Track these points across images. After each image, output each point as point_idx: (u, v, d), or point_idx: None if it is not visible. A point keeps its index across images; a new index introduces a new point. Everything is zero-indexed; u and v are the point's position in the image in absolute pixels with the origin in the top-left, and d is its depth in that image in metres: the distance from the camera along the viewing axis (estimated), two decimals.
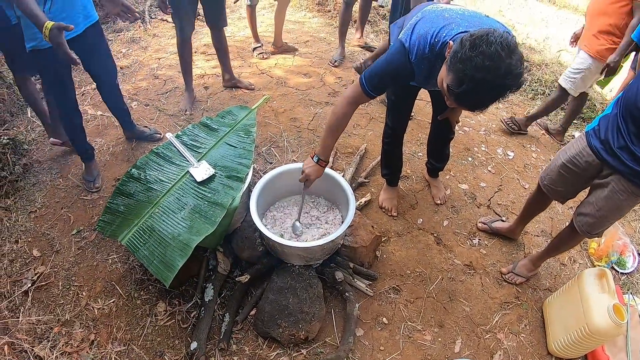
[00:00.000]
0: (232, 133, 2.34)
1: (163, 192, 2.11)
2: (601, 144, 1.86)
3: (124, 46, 4.02)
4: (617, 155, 1.79)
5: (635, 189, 1.81)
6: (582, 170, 1.99)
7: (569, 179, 2.07)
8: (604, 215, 1.96)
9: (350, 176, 2.77)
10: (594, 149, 1.89)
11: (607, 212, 1.95)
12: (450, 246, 2.60)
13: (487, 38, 1.31)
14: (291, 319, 2.02)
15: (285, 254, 2.11)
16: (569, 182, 2.09)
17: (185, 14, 2.91)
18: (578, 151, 1.98)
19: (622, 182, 1.83)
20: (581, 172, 2.01)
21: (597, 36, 2.96)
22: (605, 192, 1.90)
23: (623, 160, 1.77)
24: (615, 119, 1.79)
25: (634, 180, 1.78)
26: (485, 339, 2.22)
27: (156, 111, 3.27)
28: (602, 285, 2.10)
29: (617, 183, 1.84)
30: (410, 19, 1.83)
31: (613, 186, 1.86)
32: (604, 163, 1.87)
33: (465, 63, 1.32)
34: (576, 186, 2.12)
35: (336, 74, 3.89)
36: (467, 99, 1.41)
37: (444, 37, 1.60)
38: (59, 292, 2.22)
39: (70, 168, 2.84)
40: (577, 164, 2.00)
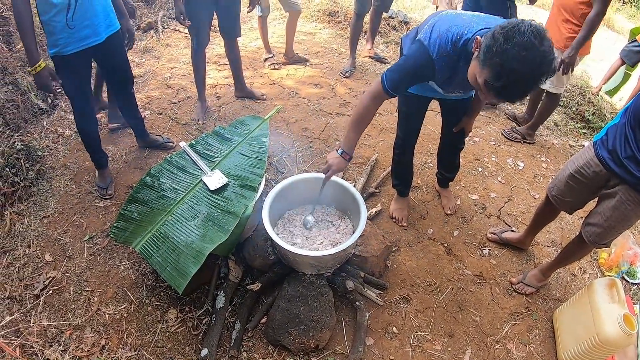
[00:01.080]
0: (244, 143, 2.38)
1: (176, 200, 2.14)
2: (609, 154, 1.86)
3: (137, 55, 4.09)
4: (624, 165, 1.79)
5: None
6: (590, 180, 1.99)
7: (576, 189, 2.08)
8: (611, 226, 1.96)
9: (362, 186, 2.79)
10: (602, 159, 1.89)
11: (614, 222, 1.94)
12: (460, 256, 2.60)
13: (518, 28, 1.33)
14: (302, 327, 2.03)
15: (297, 263, 2.12)
16: (577, 192, 2.09)
17: (201, 25, 2.96)
18: (586, 161, 1.99)
19: (629, 192, 1.83)
20: (589, 183, 2.01)
21: (559, 26, 2.93)
22: (612, 202, 1.90)
23: (630, 170, 1.77)
24: (624, 129, 1.79)
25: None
26: (495, 349, 2.21)
27: (169, 120, 3.32)
28: (612, 295, 2.09)
29: (625, 193, 1.84)
30: (424, 25, 1.85)
31: (620, 196, 1.86)
32: (611, 173, 1.87)
33: (501, 56, 1.34)
34: (584, 197, 2.12)
35: (347, 85, 3.92)
36: (507, 91, 1.43)
37: (466, 34, 1.62)
38: (70, 296, 2.25)
39: (84, 175, 2.88)
40: (584, 174, 2.00)
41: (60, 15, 2.07)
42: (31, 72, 2.11)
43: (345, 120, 3.49)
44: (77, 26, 2.14)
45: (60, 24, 2.09)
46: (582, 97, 4.10)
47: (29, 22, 2.00)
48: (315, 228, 2.32)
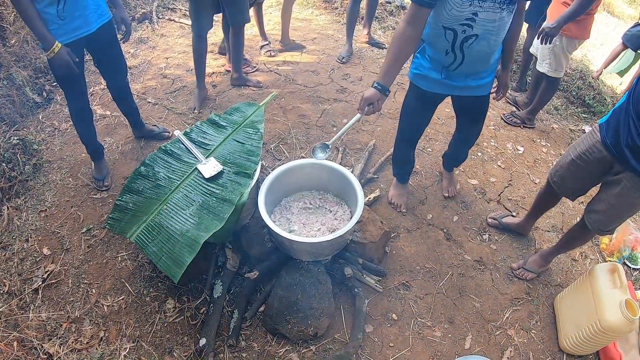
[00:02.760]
0: (240, 130, 2.34)
1: (171, 189, 2.11)
2: (614, 140, 1.81)
3: (132, 46, 4.04)
4: (630, 151, 1.75)
5: None
6: (593, 166, 1.95)
7: (579, 175, 2.03)
8: (616, 213, 1.93)
9: (359, 172, 2.76)
10: (606, 145, 1.85)
11: (619, 210, 1.91)
12: (460, 242, 2.57)
13: None
14: (300, 315, 2.01)
15: (294, 250, 2.10)
16: (580, 178, 2.05)
17: (204, 10, 2.90)
18: (589, 147, 1.94)
19: (635, 179, 1.79)
20: (592, 169, 1.97)
21: (559, 9, 2.84)
22: (617, 189, 1.86)
23: (637, 156, 1.73)
24: (628, 114, 1.74)
25: None
26: (496, 335, 2.20)
27: (165, 110, 3.29)
28: (613, 280, 2.06)
29: (630, 180, 1.80)
30: None
31: (625, 183, 1.82)
32: (616, 159, 1.83)
33: None
34: (587, 183, 2.08)
35: (344, 71, 3.88)
36: None
37: None
38: (68, 289, 2.24)
39: (80, 167, 2.86)
40: (587, 159, 1.95)
41: (51, 7, 2.04)
42: (49, 55, 2.06)
43: (342, 106, 3.45)
44: (68, 17, 2.11)
45: (52, 15, 2.06)
46: (582, 81, 4.05)
47: (32, 8, 1.97)
48: (313, 215, 2.29)
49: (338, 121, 3.29)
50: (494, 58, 2.01)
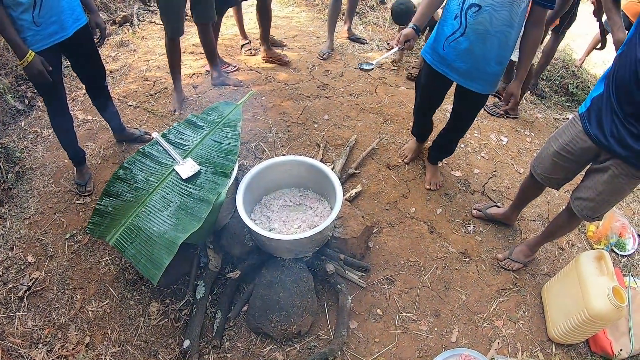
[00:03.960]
0: (217, 129, 2.32)
1: (149, 191, 2.09)
2: (598, 129, 1.79)
3: (113, 50, 4.01)
4: (615, 138, 1.73)
5: (637, 171, 1.76)
6: (578, 156, 1.94)
7: (564, 166, 2.02)
8: (604, 199, 1.91)
9: (340, 167, 2.74)
10: (591, 134, 1.82)
11: (607, 196, 1.90)
12: (444, 234, 2.56)
13: None
14: (282, 314, 2.00)
15: (274, 248, 2.09)
16: (564, 169, 2.04)
17: (174, 13, 2.88)
18: (572, 137, 1.92)
19: (622, 166, 1.77)
20: (576, 159, 1.95)
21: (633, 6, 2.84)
22: (605, 176, 1.85)
23: (623, 144, 1.71)
24: (609, 101, 1.72)
25: (635, 164, 1.73)
26: (483, 327, 2.19)
27: (146, 113, 3.26)
28: (600, 267, 2.06)
29: (617, 167, 1.79)
30: None
31: (613, 170, 1.81)
32: (601, 148, 1.81)
33: None
34: (571, 173, 2.07)
35: (325, 67, 3.86)
36: None
37: None
38: (54, 296, 2.23)
39: (63, 173, 2.84)
40: (571, 151, 1.94)
41: (27, 14, 2.02)
42: (22, 64, 2.05)
43: (323, 102, 3.43)
44: (44, 23, 2.10)
45: (27, 22, 2.04)
46: (565, 70, 4.04)
47: (4, 17, 1.96)
48: (293, 212, 2.28)
49: (319, 117, 3.27)
50: (496, 51, 2.03)
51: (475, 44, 2.02)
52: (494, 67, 2.10)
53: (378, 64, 2.24)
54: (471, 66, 2.11)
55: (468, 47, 2.04)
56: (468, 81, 2.18)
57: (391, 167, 2.92)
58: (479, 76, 2.14)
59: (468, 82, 2.18)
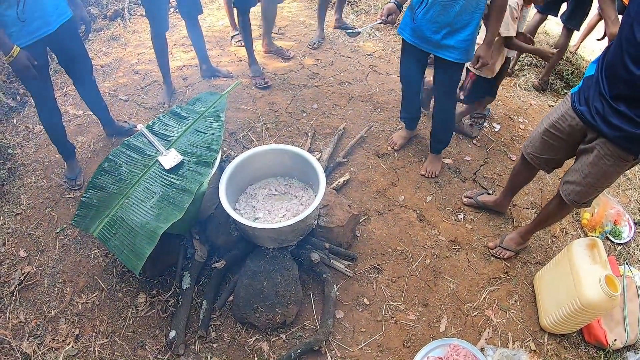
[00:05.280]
0: (201, 119, 2.30)
1: (133, 182, 2.08)
2: (585, 106, 1.76)
3: (105, 44, 4.00)
4: (601, 116, 1.70)
5: (622, 152, 1.72)
6: (566, 135, 1.90)
7: (553, 145, 1.99)
8: (591, 183, 1.87)
9: (328, 156, 2.72)
10: (578, 111, 1.80)
11: (593, 180, 1.85)
12: (433, 222, 2.53)
13: None
14: (267, 303, 1.98)
15: (257, 237, 2.07)
16: (554, 148, 2.00)
17: (158, 8, 2.86)
18: (561, 115, 1.90)
19: (607, 145, 1.73)
20: (565, 137, 1.92)
21: None
22: (590, 157, 1.81)
23: (608, 123, 1.67)
24: (598, 81, 1.70)
25: (619, 144, 1.69)
26: (473, 316, 2.16)
27: (136, 106, 3.26)
28: (593, 256, 2.01)
29: (603, 147, 1.75)
30: None
31: (598, 151, 1.77)
32: (588, 126, 1.78)
33: None
34: (561, 153, 2.02)
35: (315, 56, 3.82)
36: None
37: None
38: (44, 289, 2.24)
39: (53, 168, 2.85)
40: (560, 128, 1.91)
41: (10, 10, 2.01)
42: (7, 60, 2.05)
43: (313, 91, 3.41)
44: (29, 18, 2.09)
45: (11, 18, 2.03)
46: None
47: None
48: (278, 201, 2.26)
49: (308, 106, 3.24)
50: (458, 17, 2.11)
51: (439, 12, 2.12)
52: (461, 33, 2.17)
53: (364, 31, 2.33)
54: (440, 35, 2.19)
55: (433, 16, 2.15)
56: (442, 50, 2.24)
57: (380, 155, 2.88)
58: (449, 44, 2.20)
59: (441, 51, 2.25)
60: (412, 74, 2.58)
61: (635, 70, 1.52)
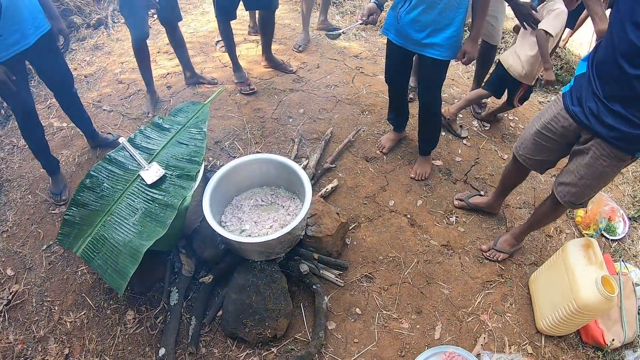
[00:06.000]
0: (183, 131, 2.25)
1: (115, 199, 2.04)
2: (579, 106, 1.72)
3: (88, 54, 3.94)
4: (595, 117, 1.65)
5: (619, 152, 1.67)
6: (559, 136, 1.86)
7: (545, 146, 1.94)
8: (587, 184, 1.83)
9: (315, 162, 2.67)
10: (571, 111, 1.75)
11: (590, 180, 1.81)
12: (425, 227, 2.49)
13: None
14: (256, 317, 1.95)
15: (244, 251, 2.02)
16: (546, 150, 1.96)
17: (137, 16, 2.81)
18: (553, 116, 1.85)
19: (603, 146, 1.69)
20: (558, 139, 1.87)
21: None
22: (586, 158, 1.76)
23: (603, 122, 1.62)
24: (590, 80, 1.65)
25: (616, 144, 1.64)
26: (468, 322, 2.12)
27: (120, 116, 3.20)
28: (588, 256, 1.98)
29: (598, 148, 1.70)
30: None
31: (594, 152, 1.72)
32: (582, 127, 1.73)
33: None
34: (554, 154, 1.98)
35: (301, 59, 3.76)
36: None
37: None
38: (33, 309, 2.19)
39: (39, 183, 2.79)
40: (553, 129, 1.86)
41: None
42: None
43: (299, 96, 3.35)
44: (5, 33, 2.04)
45: None
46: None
47: None
48: (265, 212, 2.22)
49: (294, 112, 3.19)
50: (442, 15, 2.09)
51: (420, 11, 2.11)
52: (446, 31, 2.15)
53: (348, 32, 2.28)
54: (425, 33, 2.17)
55: (416, 15, 2.13)
56: (427, 49, 2.22)
57: (369, 160, 2.84)
58: (434, 42, 2.18)
59: (427, 50, 2.22)
60: (399, 75, 2.54)
61: (630, 69, 1.47)
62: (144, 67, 3.06)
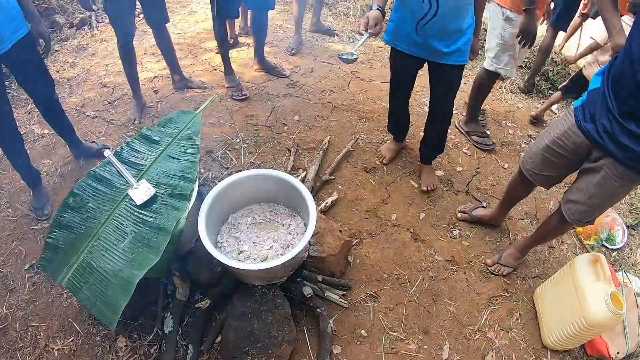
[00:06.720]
0: (174, 144, 2.10)
1: (102, 221, 1.89)
2: (592, 123, 1.64)
3: (71, 55, 3.74)
4: (609, 135, 1.57)
5: (632, 174, 1.60)
6: (570, 152, 1.78)
7: (554, 163, 1.87)
8: (596, 203, 1.77)
9: (314, 174, 2.55)
10: (583, 128, 1.67)
11: (599, 200, 1.75)
12: (429, 241, 2.41)
13: None
14: (259, 346, 1.84)
15: (243, 276, 1.91)
16: (555, 165, 1.88)
17: (123, 16, 2.66)
18: (564, 131, 1.77)
19: (616, 166, 1.62)
20: (568, 155, 1.80)
21: None
22: (597, 178, 1.70)
23: (617, 142, 1.55)
24: (605, 95, 1.58)
25: (630, 165, 1.57)
26: (475, 339, 2.06)
27: (104, 123, 3.03)
28: (596, 272, 1.94)
29: (611, 168, 1.64)
30: None
31: (606, 171, 1.66)
32: (595, 144, 1.66)
33: None
34: (563, 170, 1.91)
35: (294, 63, 3.63)
36: None
37: None
38: (17, 334, 2.05)
39: (20, 195, 2.63)
40: (563, 145, 1.79)
41: None
42: None
43: (293, 101, 3.22)
44: None
45: None
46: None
47: None
48: (263, 230, 2.10)
49: (289, 119, 3.06)
50: (465, 19, 2.02)
51: (449, 19, 2.02)
52: (466, 35, 2.11)
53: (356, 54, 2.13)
54: (447, 41, 2.10)
55: (442, 25, 2.04)
56: (448, 57, 2.14)
57: (369, 170, 2.74)
58: (456, 48, 2.11)
59: (449, 58, 2.15)
60: (407, 86, 2.45)
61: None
62: (129, 70, 2.90)
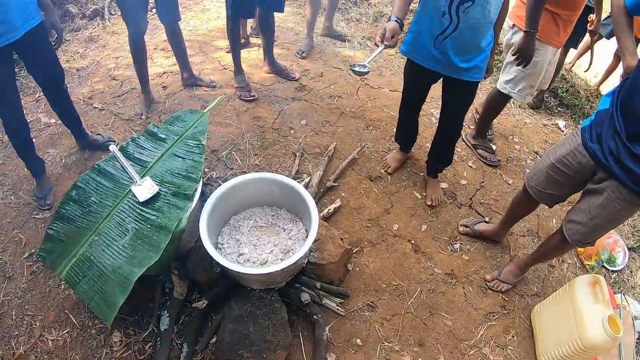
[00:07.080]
0: (180, 142, 2.11)
1: (103, 216, 1.89)
2: (598, 144, 1.64)
3: (82, 46, 3.74)
4: (614, 158, 1.57)
5: (635, 197, 1.60)
6: (574, 172, 1.78)
7: (559, 181, 1.86)
8: (597, 225, 1.76)
9: (318, 180, 2.55)
10: (589, 148, 1.67)
11: (601, 222, 1.75)
12: (429, 254, 2.40)
13: None
14: (254, 349, 1.83)
15: (242, 279, 1.91)
16: (559, 184, 1.88)
17: (135, 10, 2.65)
18: (570, 150, 1.77)
19: (619, 189, 1.61)
20: (573, 174, 1.80)
21: None
22: (600, 199, 1.70)
23: (622, 165, 1.55)
24: (613, 117, 1.57)
25: (633, 188, 1.57)
26: (470, 355, 2.05)
27: (111, 116, 3.03)
28: (595, 294, 1.93)
29: (614, 190, 1.63)
30: None
31: (609, 193, 1.65)
32: (599, 166, 1.65)
33: None
34: (567, 189, 1.91)
35: (304, 66, 3.62)
36: None
37: None
38: (12, 322, 2.05)
39: (23, 183, 2.63)
40: (568, 165, 1.79)
41: None
42: None
43: (301, 105, 3.21)
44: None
45: None
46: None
47: None
48: (265, 234, 2.10)
49: (296, 122, 3.05)
50: (485, 37, 1.99)
51: (469, 36, 1.99)
52: (485, 52, 2.09)
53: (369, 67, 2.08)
54: (466, 57, 2.07)
55: (462, 41, 2.00)
56: (466, 72, 2.11)
57: (373, 179, 2.73)
58: (473, 65, 2.09)
59: (466, 74, 2.12)
60: (419, 98, 2.44)
61: None
62: (139, 64, 2.90)
